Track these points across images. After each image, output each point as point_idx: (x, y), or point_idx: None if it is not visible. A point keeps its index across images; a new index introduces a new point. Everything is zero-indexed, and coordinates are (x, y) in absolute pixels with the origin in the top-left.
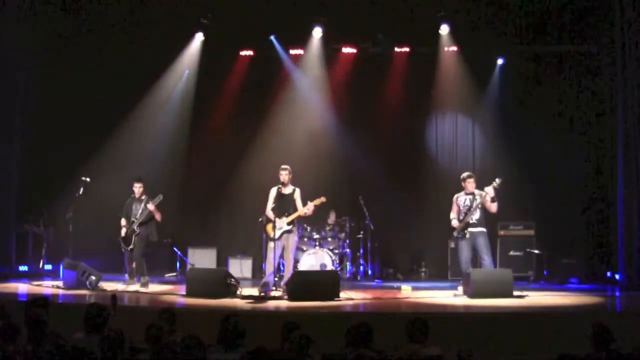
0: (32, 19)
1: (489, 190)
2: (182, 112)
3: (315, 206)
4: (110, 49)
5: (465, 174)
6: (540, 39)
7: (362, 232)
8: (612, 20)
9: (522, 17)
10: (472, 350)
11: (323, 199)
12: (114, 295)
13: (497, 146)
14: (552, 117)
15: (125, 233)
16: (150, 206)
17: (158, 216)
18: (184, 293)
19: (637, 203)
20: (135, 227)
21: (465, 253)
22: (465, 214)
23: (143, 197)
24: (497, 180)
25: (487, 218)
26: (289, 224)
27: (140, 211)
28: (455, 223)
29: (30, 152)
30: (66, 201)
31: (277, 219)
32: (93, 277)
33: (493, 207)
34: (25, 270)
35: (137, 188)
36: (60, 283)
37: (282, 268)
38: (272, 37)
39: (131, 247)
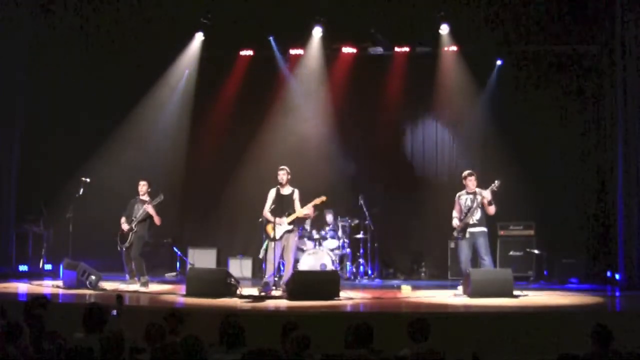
0: (33, 18)
1: (486, 194)
2: (182, 112)
3: (315, 206)
4: (110, 48)
5: (466, 172)
6: (540, 39)
7: (362, 232)
8: (612, 21)
9: (522, 17)
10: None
11: (323, 198)
12: (120, 295)
13: (497, 146)
14: (552, 117)
15: (123, 231)
16: (149, 208)
17: (157, 219)
18: (184, 293)
19: (637, 203)
20: (133, 226)
21: (465, 253)
22: (466, 214)
23: (146, 197)
24: (496, 182)
25: (488, 218)
26: (289, 224)
27: (140, 211)
28: (456, 223)
29: (29, 152)
30: (66, 201)
31: (277, 219)
32: (93, 277)
33: (490, 210)
34: (25, 270)
35: (142, 186)
36: (60, 283)
37: (282, 268)
38: (270, 38)
39: (127, 245)
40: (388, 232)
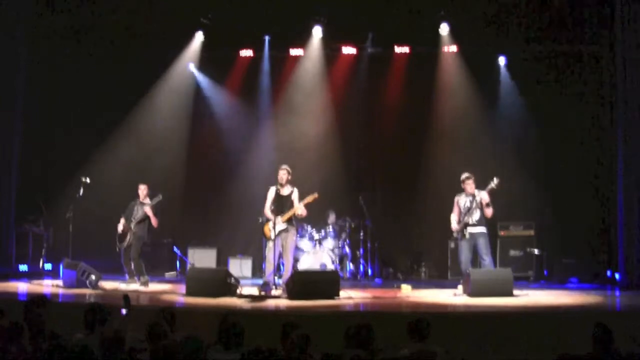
0: (33, 18)
1: (484, 197)
2: (182, 112)
3: (309, 203)
4: (110, 48)
5: (464, 175)
6: (541, 39)
7: (362, 232)
8: (612, 21)
9: (522, 17)
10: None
11: (315, 195)
12: (127, 295)
13: (497, 146)
14: (552, 116)
15: (122, 231)
16: (147, 208)
17: (154, 221)
18: (184, 293)
19: (637, 203)
20: (132, 226)
21: (465, 253)
22: (465, 215)
23: (146, 201)
24: (495, 180)
25: (488, 218)
26: (284, 222)
27: (139, 212)
28: (454, 226)
29: (30, 152)
30: (66, 201)
31: (275, 218)
32: (93, 277)
33: (488, 212)
34: (25, 270)
35: (142, 190)
36: (60, 283)
37: (281, 268)
38: (265, 38)
39: (125, 244)
40: (388, 232)
